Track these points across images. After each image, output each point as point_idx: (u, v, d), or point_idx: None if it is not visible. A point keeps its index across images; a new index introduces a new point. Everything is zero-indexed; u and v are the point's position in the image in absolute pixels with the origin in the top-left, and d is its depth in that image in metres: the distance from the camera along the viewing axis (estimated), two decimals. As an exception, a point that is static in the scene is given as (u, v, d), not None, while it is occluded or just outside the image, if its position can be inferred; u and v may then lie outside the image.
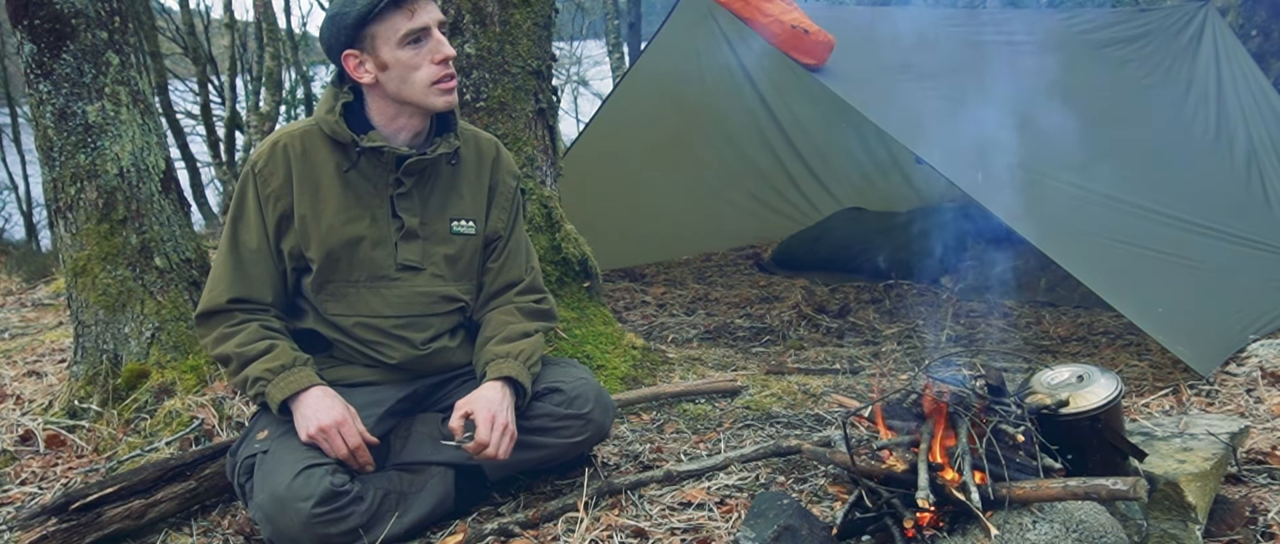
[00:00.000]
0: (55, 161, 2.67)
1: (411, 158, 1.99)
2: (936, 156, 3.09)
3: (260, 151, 2.01)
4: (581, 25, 16.58)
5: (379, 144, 1.97)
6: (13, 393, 3.15)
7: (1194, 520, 1.74)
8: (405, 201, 2.02)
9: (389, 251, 2.03)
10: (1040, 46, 4.18)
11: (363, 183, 2.01)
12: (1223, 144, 4.11)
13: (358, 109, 2.01)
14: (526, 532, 1.97)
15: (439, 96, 1.96)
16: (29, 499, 2.36)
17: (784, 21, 3.28)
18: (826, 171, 5.55)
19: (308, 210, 1.98)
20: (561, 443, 2.09)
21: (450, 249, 2.08)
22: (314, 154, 2.00)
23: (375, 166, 2.00)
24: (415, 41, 1.91)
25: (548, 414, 2.07)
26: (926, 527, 1.65)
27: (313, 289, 2.03)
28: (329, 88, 2.05)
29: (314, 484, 1.82)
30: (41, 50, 2.60)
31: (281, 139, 2.01)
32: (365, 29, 1.90)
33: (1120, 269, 3.10)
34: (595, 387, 2.15)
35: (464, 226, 2.10)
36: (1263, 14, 5.16)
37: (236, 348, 1.95)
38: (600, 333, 3.02)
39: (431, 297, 2.07)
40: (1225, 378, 2.79)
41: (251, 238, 2.00)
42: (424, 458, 2.06)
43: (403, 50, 1.91)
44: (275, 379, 1.93)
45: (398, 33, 1.90)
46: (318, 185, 1.99)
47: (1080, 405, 1.79)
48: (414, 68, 1.92)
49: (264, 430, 1.98)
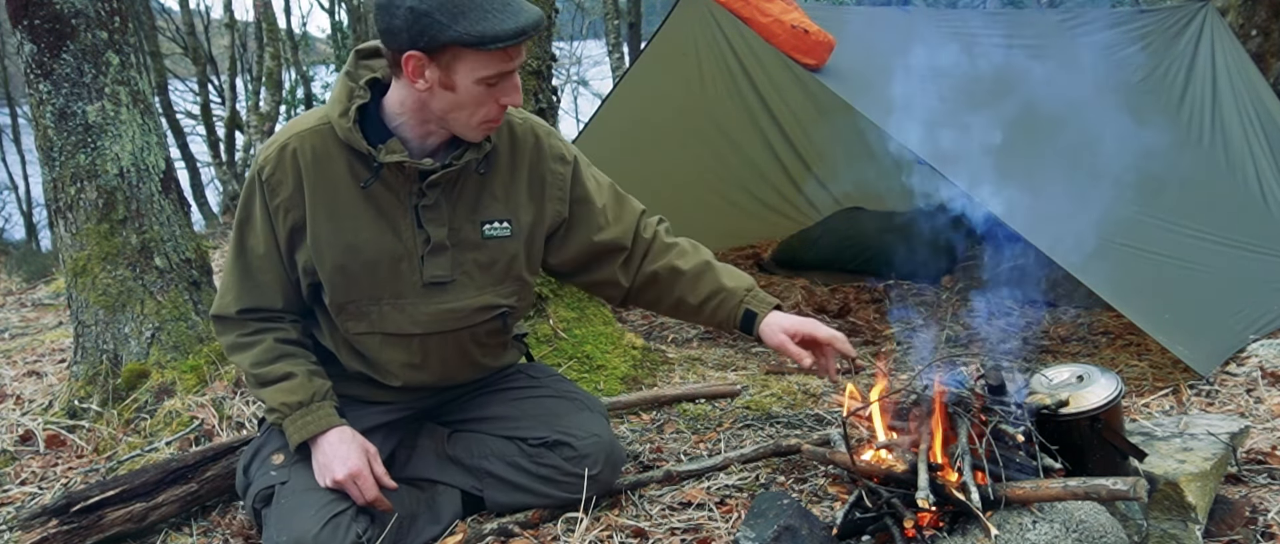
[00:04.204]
0: (55, 161, 2.67)
1: (438, 172, 1.79)
2: (936, 156, 3.09)
3: (267, 156, 1.80)
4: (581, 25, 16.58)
5: (399, 158, 1.75)
6: (13, 393, 3.15)
7: (1194, 520, 1.74)
8: (431, 212, 1.82)
9: (414, 267, 1.84)
10: (1039, 47, 4.18)
11: (384, 193, 1.81)
12: (1219, 145, 4.11)
13: (375, 107, 1.79)
14: (526, 532, 1.97)
15: (480, 133, 1.78)
16: (29, 499, 2.36)
17: (784, 22, 3.28)
18: (826, 171, 5.54)
19: (322, 227, 1.80)
20: (564, 496, 2.02)
21: (483, 255, 1.89)
22: (326, 161, 1.78)
23: (397, 177, 1.80)
24: (493, 83, 1.70)
25: (556, 467, 2.00)
26: (926, 527, 1.65)
27: (332, 309, 1.88)
28: (342, 79, 1.81)
29: (341, 535, 1.75)
30: (41, 50, 2.60)
31: (289, 142, 1.78)
32: (455, 47, 1.63)
33: (1120, 270, 3.10)
34: (607, 444, 2.04)
35: (497, 229, 1.89)
36: (1263, 14, 5.15)
37: (252, 366, 1.86)
38: (600, 333, 3.02)
39: (464, 310, 1.90)
40: (1225, 378, 2.79)
41: (259, 245, 1.85)
42: (430, 475, 2.04)
43: (478, 86, 1.68)
44: (293, 416, 1.84)
45: (486, 70, 1.67)
46: (333, 197, 1.79)
47: (1080, 405, 1.79)
48: (479, 104, 1.71)
49: (279, 454, 1.90)
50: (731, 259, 5.50)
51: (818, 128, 5.24)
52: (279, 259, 1.86)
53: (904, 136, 3.16)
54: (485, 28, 1.61)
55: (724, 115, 4.93)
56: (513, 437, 2.03)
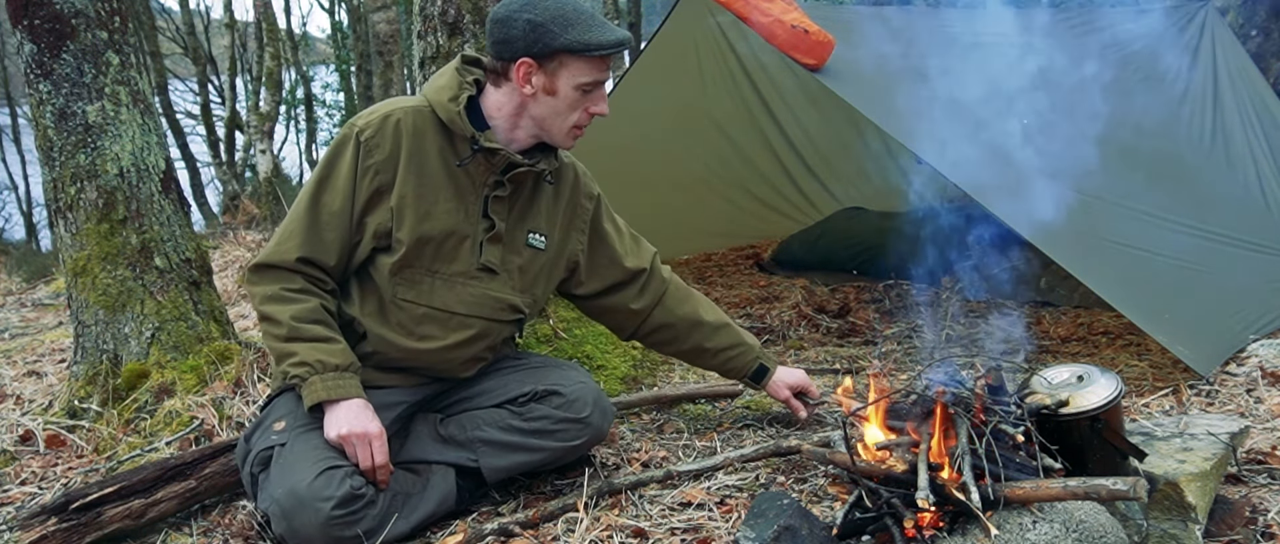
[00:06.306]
0: (55, 161, 2.67)
1: (521, 167, 2.00)
2: (936, 156, 3.09)
3: (370, 120, 1.97)
4: (581, 25, 16.53)
5: (496, 146, 1.97)
6: (13, 393, 3.15)
7: (1194, 520, 1.74)
8: (498, 204, 2.03)
9: (474, 249, 2.03)
10: (1039, 46, 4.18)
11: (465, 178, 2.00)
12: (1220, 145, 4.11)
13: (475, 101, 2.01)
14: (526, 532, 1.97)
15: (569, 140, 2.04)
16: (29, 499, 2.36)
17: (784, 21, 3.28)
18: (826, 171, 5.54)
19: (410, 192, 1.96)
20: (559, 445, 2.10)
21: (521, 259, 2.10)
22: (425, 137, 1.97)
23: (481, 165, 2.00)
24: (588, 91, 1.97)
25: (546, 417, 2.09)
26: (926, 527, 1.64)
27: (390, 271, 1.98)
28: (452, 71, 2.01)
29: (335, 485, 1.82)
30: (41, 50, 2.60)
31: (394, 113, 1.97)
32: (564, 55, 1.92)
33: (1120, 270, 3.10)
34: (594, 390, 2.16)
35: (536, 240, 2.12)
36: (1263, 14, 5.16)
37: (293, 318, 1.91)
38: (600, 333, 3.03)
39: (500, 302, 2.07)
40: (1225, 378, 2.79)
41: (335, 200, 1.95)
42: (425, 457, 2.07)
43: (575, 92, 1.95)
44: (323, 375, 1.90)
45: (584, 78, 1.95)
46: (424, 169, 1.97)
47: (1080, 405, 1.79)
48: (572, 109, 1.98)
49: (281, 421, 1.96)
50: (731, 259, 5.51)
51: (818, 128, 5.24)
52: (349, 220, 1.97)
53: (904, 136, 3.16)
54: (590, 37, 1.91)
55: (724, 115, 4.93)
56: (501, 402, 2.12)
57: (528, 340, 2.88)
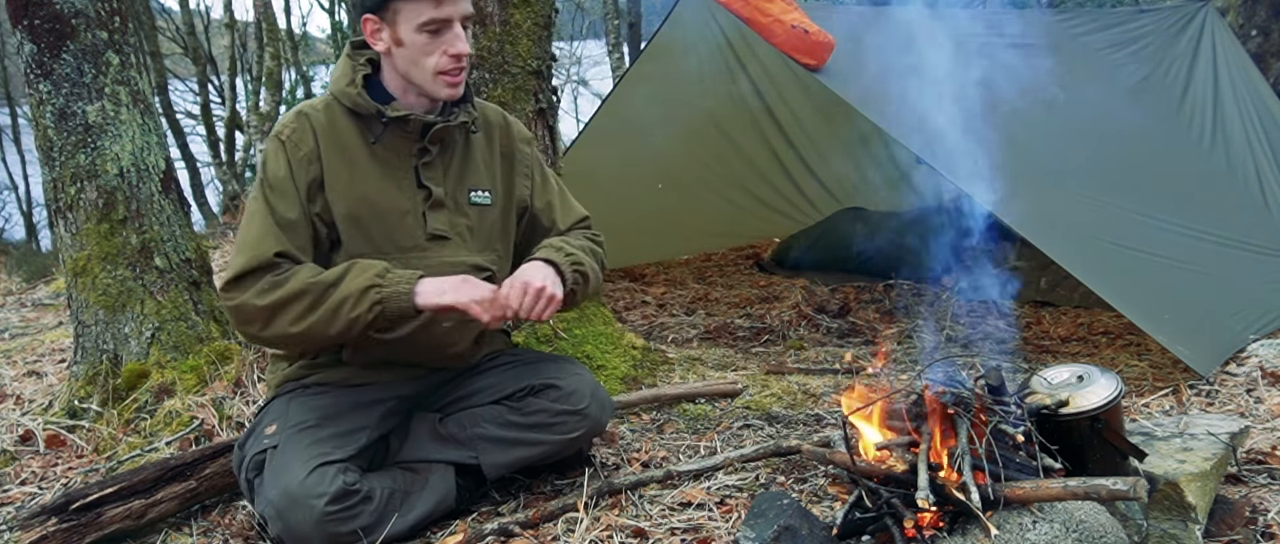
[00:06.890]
0: (55, 161, 2.67)
1: (437, 125, 1.98)
2: (936, 156, 3.09)
3: (284, 121, 1.98)
4: (581, 25, 16.56)
5: (404, 113, 1.95)
6: (13, 393, 3.15)
7: (1194, 520, 1.74)
8: (430, 171, 2.02)
9: (418, 221, 2.01)
10: (1039, 47, 4.18)
11: (388, 154, 1.99)
12: (1220, 145, 4.11)
13: (375, 80, 2.00)
14: (526, 532, 1.97)
15: (444, 88, 1.96)
16: (29, 499, 2.35)
17: (784, 22, 3.28)
18: (826, 171, 5.54)
19: (336, 179, 1.95)
20: (558, 439, 2.10)
21: (469, 220, 2.07)
22: (338, 125, 1.98)
23: (399, 137, 1.99)
24: (434, 31, 1.90)
25: (544, 410, 2.08)
26: (926, 527, 1.64)
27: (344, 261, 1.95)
28: (345, 58, 2.03)
29: (327, 482, 1.83)
30: (41, 50, 2.60)
31: (305, 110, 1.99)
32: (391, 2, 1.89)
33: (1121, 270, 3.10)
34: (592, 383, 2.16)
35: (480, 197, 2.09)
36: (1263, 14, 5.16)
37: (309, 278, 1.86)
38: (600, 333, 3.02)
39: (461, 266, 2.03)
40: (1225, 378, 2.79)
41: (288, 207, 1.92)
42: (424, 455, 2.07)
43: (419, 35, 1.90)
44: (389, 277, 1.86)
45: (421, 17, 1.89)
46: (346, 156, 1.97)
47: (1080, 405, 1.79)
48: (426, 54, 1.91)
49: (272, 426, 1.97)
50: (731, 259, 5.51)
51: (818, 128, 5.24)
52: (307, 221, 1.94)
53: (904, 136, 3.16)
54: None
55: (724, 115, 4.93)
56: (500, 399, 2.12)
57: (528, 340, 2.88)
